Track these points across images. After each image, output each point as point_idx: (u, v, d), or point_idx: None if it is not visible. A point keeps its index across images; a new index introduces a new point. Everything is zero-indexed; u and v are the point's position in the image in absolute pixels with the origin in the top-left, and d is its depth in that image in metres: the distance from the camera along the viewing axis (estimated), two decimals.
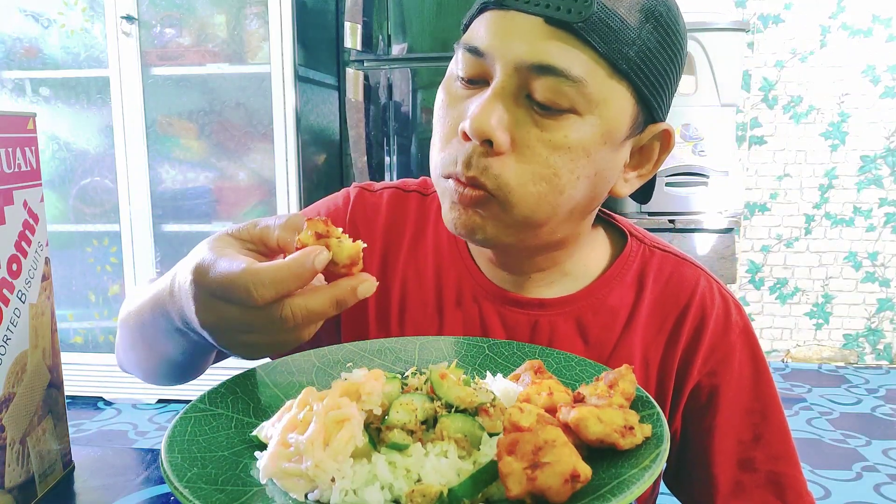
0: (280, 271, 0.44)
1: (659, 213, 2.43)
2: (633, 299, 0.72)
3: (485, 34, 0.60)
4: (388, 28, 2.40)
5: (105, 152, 2.64)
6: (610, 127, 0.60)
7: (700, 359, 0.70)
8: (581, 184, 0.61)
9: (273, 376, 0.59)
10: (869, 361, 3.28)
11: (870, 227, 3.18)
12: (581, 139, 0.59)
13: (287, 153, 2.52)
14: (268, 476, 0.45)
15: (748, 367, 0.72)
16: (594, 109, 0.59)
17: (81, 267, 2.74)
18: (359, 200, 0.78)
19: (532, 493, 0.39)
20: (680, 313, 0.71)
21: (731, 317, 0.72)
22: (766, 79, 3.13)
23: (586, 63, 0.57)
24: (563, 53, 0.57)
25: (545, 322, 0.71)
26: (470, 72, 0.61)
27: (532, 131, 0.59)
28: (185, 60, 2.55)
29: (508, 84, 0.59)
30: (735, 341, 0.71)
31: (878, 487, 2.13)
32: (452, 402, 0.49)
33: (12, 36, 2.63)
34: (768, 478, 0.70)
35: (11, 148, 0.62)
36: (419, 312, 0.74)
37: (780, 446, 0.71)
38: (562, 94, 0.57)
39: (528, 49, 0.57)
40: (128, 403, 2.78)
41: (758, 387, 0.71)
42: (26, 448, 0.62)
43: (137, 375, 0.73)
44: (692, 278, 0.73)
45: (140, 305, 0.61)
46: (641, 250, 0.74)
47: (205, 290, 0.47)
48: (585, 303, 0.71)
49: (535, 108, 0.59)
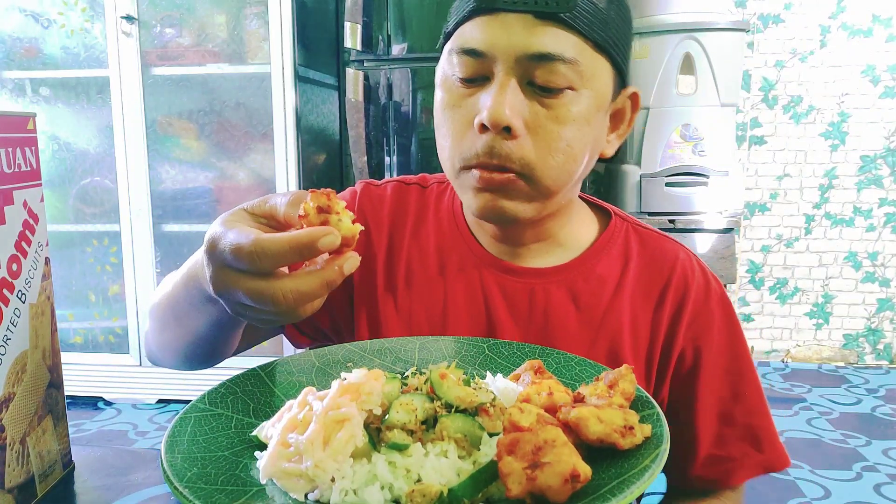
0: (280, 244, 0.47)
1: (659, 213, 2.43)
2: (620, 269, 0.79)
3: (480, 36, 0.67)
4: (388, 28, 2.40)
5: (105, 152, 2.64)
6: (600, 96, 0.69)
7: (685, 324, 0.77)
8: (585, 150, 0.70)
9: (273, 376, 0.59)
10: (869, 361, 3.28)
11: (870, 227, 3.18)
12: (581, 111, 0.67)
13: (287, 153, 2.52)
14: (268, 476, 0.45)
15: (726, 330, 0.78)
16: (587, 83, 0.67)
17: (81, 267, 2.74)
18: (365, 192, 0.84)
19: (532, 492, 0.39)
20: (664, 283, 0.78)
21: (710, 285, 0.79)
22: (766, 79, 3.13)
23: (575, 45, 0.66)
24: (556, 40, 0.65)
25: (540, 289, 0.77)
26: (468, 72, 0.68)
27: (540, 112, 0.67)
28: (185, 60, 2.55)
29: (512, 75, 0.66)
30: (714, 308, 0.78)
31: (878, 487, 2.13)
32: (452, 402, 0.49)
33: (12, 36, 2.63)
34: (746, 430, 0.77)
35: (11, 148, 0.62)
36: (424, 281, 0.79)
37: (755, 402, 0.78)
38: (559, 75, 0.65)
39: (526, 42, 0.65)
40: (128, 403, 2.78)
41: (734, 348, 0.78)
42: (26, 448, 0.62)
43: (168, 363, 0.76)
44: (673, 251, 0.80)
45: (174, 284, 0.66)
46: (625, 227, 0.82)
47: (217, 260, 0.50)
48: (577, 271, 0.78)
49: (538, 92, 0.67)
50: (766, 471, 0.77)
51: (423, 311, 0.78)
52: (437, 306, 0.77)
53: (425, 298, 0.78)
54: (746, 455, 0.76)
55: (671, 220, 2.42)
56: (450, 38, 0.71)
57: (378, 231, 0.81)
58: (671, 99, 2.46)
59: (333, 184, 2.99)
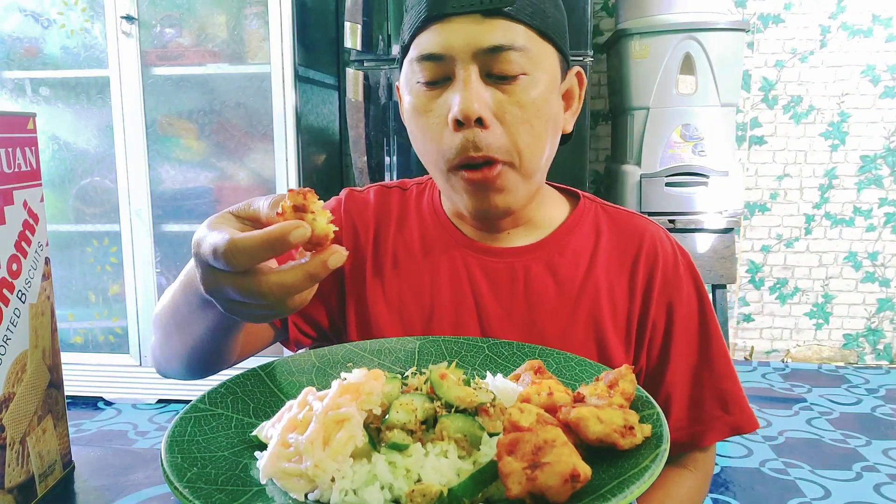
0: (252, 240, 0.48)
1: (659, 213, 2.43)
2: (592, 243, 0.84)
3: (437, 40, 0.72)
4: (388, 28, 2.40)
5: (105, 152, 2.64)
6: (551, 78, 0.75)
7: (657, 290, 0.81)
8: (549, 128, 0.76)
9: (273, 376, 0.59)
10: (869, 361, 3.28)
11: (870, 227, 3.18)
12: (538, 93, 0.73)
13: (287, 153, 2.52)
14: (268, 476, 0.45)
15: (694, 297, 0.83)
16: (538, 67, 0.73)
17: (81, 267, 2.74)
18: (349, 198, 0.90)
19: (532, 493, 0.39)
20: (635, 252, 0.83)
21: (676, 255, 0.84)
22: (766, 79, 3.13)
23: (523, 34, 0.72)
24: (505, 32, 0.71)
25: (520, 266, 0.82)
26: (431, 75, 0.74)
27: (503, 99, 0.72)
28: (185, 60, 2.55)
29: (472, 71, 0.71)
30: (683, 274, 0.83)
31: (878, 487, 2.13)
32: (452, 402, 0.49)
33: (12, 36, 2.63)
34: (715, 393, 0.81)
35: (11, 148, 0.62)
36: (409, 266, 0.84)
37: (723, 366, 0.82)
38: (513, 63, 0.71)
39: (479, 38, 0.71)
40: (128, 403, 2.78)
41: (703, 315, 0.83)
42: (26, 448, 0.62)
43: (175, 373, 0.77)
44: (641, 225, 0.86)
45: (174, 292, 0.68)
46: (594, 207, 0.88)
47: (202, 261, 0.51)
48: (552, 247, 0.83)
49: (497, 81, 0.72)
50: (735, 432, 0.82)
51: (411, 295, 0.82)
52: (424, 289, 0.81)
53: (412, 283, 0.82)
54: (716, 418, 0.81)
55: (671, 220, 2.42)
56: (407, 49, 0.76)
57: (364, 230, 0.86)
58: (671, 99, 2.46)
59: (333, 183, 3.00)
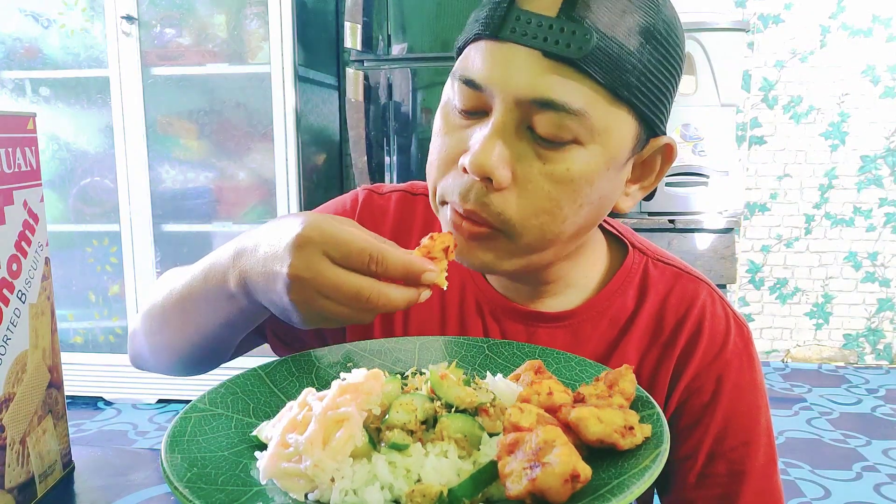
0: (399, 260, 0.49)
1: (659, 213, 2.43)
2: (632, 309, 0.71)
3: (482, 66, 0.58)
4: (388, 28, 2.40)
5: (105, 152, 2.64)
6: (613, 153, 0.59)
7: (691, 371, 0.69)
8: (584, 210, 0.61)
9: (273, 376, 0.59)
10: (869, 361, 3.28)
11: (870, 227, 3.18)
12: (584, 169, 0.58)
13: (287, 153, 2.52)
14: (268, 476, 0.45)
15: (746, 393, 0.69)
16: (597, 138, 0.58)
17: (81, 267, 2.74)
18: (367, 203, 0.78)
19: (532, 493, 0.39)
20: (677, 322, 0.70)
21: (730, 335, 0.70)
22: (766, 79, 3.13)
23: (587, 94, 0.56)
24: (563, 87, 0.56)
25: (543, 333, 0.71)
26: (467, 104, 0.60)
27: (534, 164, 0.58)
28: (185, 60, 2.55)
29: (509, 118, 0.58)
30: (731, 359, 0.69)
31: (878, 487, 2.13)
32: (452, 402, 0.49)
33: (12, 36, 2.63)
34: None
35: (11, 148, 0.62)
36: (424, 319, 0.75)
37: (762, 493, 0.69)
38: (564, 128, 0.56)
39: (528, 84, 0.56)
40: (128, 403, 2.78)
41: (747, 418, 0.69)
42: (26, 448, 0.62)
43: (158, 366, 0.74)
44: (692, 290, 0.72)
45: (185, 281, 0.64)
46: (644, 262, 0.73)
47: (315, 245, 0.50)
48: (585, 316, 0.71)
49: (538, 141, 0.58)
50: None
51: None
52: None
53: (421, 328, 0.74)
54: None
55: (671, 220, 2.41)
56: (459, 54, 0.63)
57: None
58: None
59: (333, 183, 2.99)
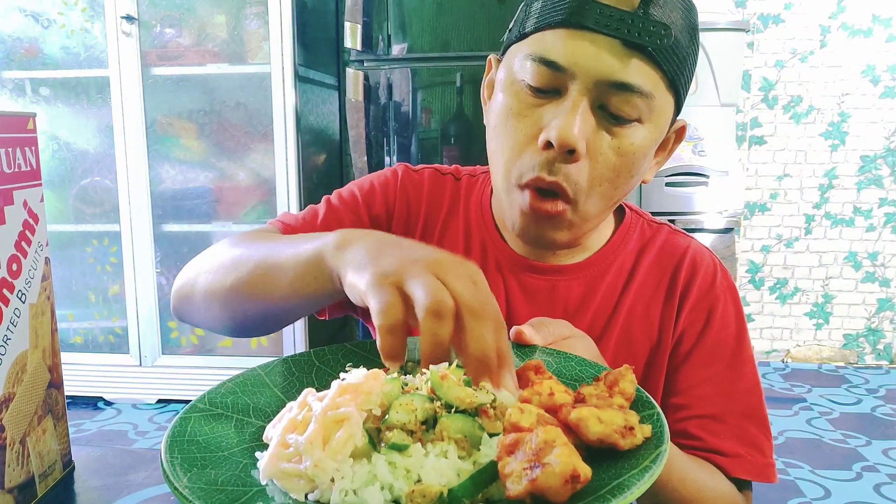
0: (492, 310, 0.49)
1: (659, 213, 2.43)
2: (633, 261, 0.81)
3: (564, 50, 0.65)
4: (388, 28, 2.40)
5: (105, 152, 2.64)
6: (661, 131, 0.71)
7: (690, 304, 0.78)
8: (633, 180, 0.71)
9: (273, 376, 0.59)
10: (869, 361, 3.28)
11: (870, 227, 3.18)
12: (642, 144, 0.68)
13: (287, 153, 2.52)
14: (268, 476, 0.45)
15: (732, 320, 0.78)
16: (654, 118, 0.68)
17: (81, 267, 2.74)
18: (406, 176, 0.86)
19: (532, 493, 0.39)
20: (674, 270, 0.80)
21: (717, 276, 0.80)
22: (766, 79, 3.13)
23: (654, 80, 0.66)
24: (639, 72, 0.65)
25: (562, 286, 0.79)
26: (542, 82, 0.67)
27: (605, 138, 0.67)
28: (185, 60, 2.55)
29: (586, 97, 0.66)
30: (720, 294, 0.79)
31: (878, 487, 2.13)
32: (452, 402, 0.49)
33: (12, 36, 2.63)
34: (733, 431, 0.75)
35: (11, 148, 0.62)
36: None
37: (750, 404, 0.76)
38: (633, 107, 0.66)
39: (610, 68, 0.64)
40: (128, 403, 2.78)
41: (739, 341, 0.78)
42: (26, 448, 0.62)
43: (207, 317, 0.71)
44: (684, 243, 0.82)
45: (282, 246, 0.63)
46: (640, 223, 0.84)
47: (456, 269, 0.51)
48: (596, 268, 0.80)
49: (608, 118, 0.67)
50: (749, 475, 0.74)
51: None
52: None
53: None
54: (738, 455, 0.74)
55: (671, 220, 2.42)
56: (524, 38, 0.69)
57: (416, 213, 0.84)
58: None
59: (333, 183, 2.99)
